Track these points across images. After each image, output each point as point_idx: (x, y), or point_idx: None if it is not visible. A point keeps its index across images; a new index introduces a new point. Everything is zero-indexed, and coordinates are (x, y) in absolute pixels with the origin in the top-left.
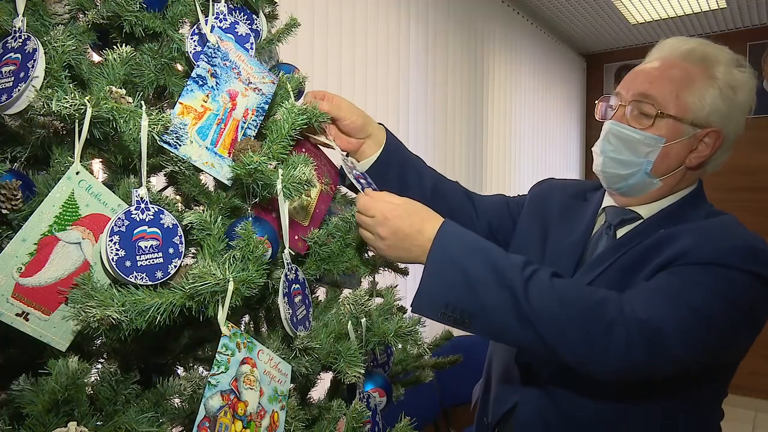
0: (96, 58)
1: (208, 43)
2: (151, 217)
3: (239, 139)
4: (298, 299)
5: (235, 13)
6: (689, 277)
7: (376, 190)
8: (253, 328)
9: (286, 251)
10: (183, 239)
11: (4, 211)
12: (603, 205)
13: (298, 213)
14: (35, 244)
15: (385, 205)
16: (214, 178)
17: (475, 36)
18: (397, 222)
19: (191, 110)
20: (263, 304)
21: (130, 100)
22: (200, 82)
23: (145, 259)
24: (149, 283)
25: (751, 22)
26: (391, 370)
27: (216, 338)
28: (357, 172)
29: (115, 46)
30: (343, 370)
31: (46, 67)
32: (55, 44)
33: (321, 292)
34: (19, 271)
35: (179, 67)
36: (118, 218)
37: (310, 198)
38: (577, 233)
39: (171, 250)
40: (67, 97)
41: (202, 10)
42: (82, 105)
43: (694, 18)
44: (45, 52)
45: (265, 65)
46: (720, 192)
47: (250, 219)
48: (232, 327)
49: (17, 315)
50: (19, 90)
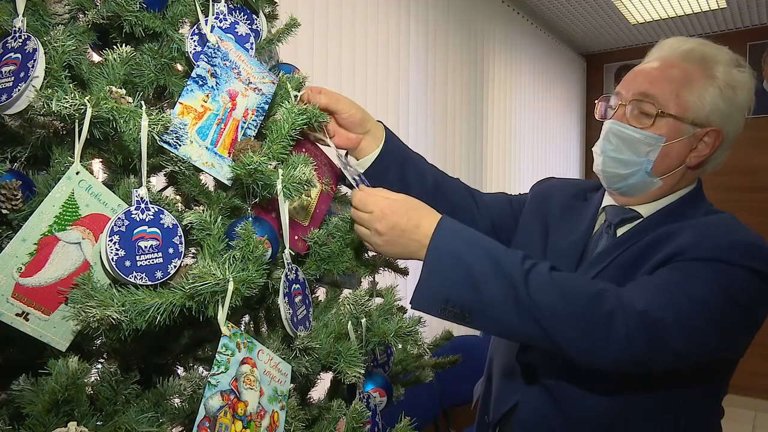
0: (96, 58)
1: (208, 43)
2: (151, 217)
3: (239, 139)
4: (298, 299)
5: (235, 13)
6: (689, 272)
7: (369, 187)
8: (253, 328)
9: (287, 251)
10: (183, 239)
11: (4, 211)
12: (603, 205)
13: (298, 213)
14: (35, 244)
15: (382, 201)
16: (214, 178)
17: (475, 36)
18: (395, 217)
19: (191, 110)
20: (263, 304)
21: (130, 100)
22: (200, 82)
23: (145, 259)
24: (149, 283)
25: (751, 22)
26: (391, 370)
27: (216, 338)
28: (351, 168)
29: (115, 46)
30: (343, 370)
31: (46, 67)
32: (55, 44)
33: (321, 292)
34: (19, 271)
35: (179, 67)
36: (118, 218)
37: (310, 198)
38: (578, 233)
39: (171, 250)
40: (67, 97)
41: (202, 10)
42: (82, 105)
43: (694, 18)
44: (45, 52)
45: (265, 65)
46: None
47: (250, 219)
48: (232, 327)
49: (17, 315)
50: (19, 90)
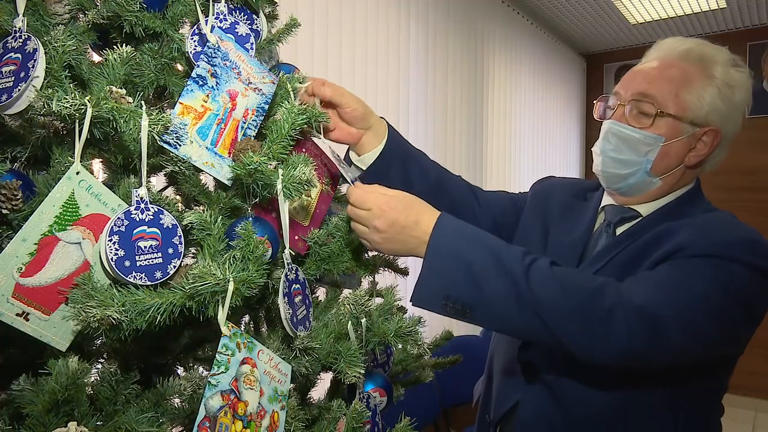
0: (96, 58)
1: (208, 43)
2: (151, 217)
3: (239, 139)
4: (298, 299)
5: (236, 13)
6: (689, 268)
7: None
8: (253, 328)
9: (287, 251)
10: (182, 239)
11: (5, 211)
12: (602, 204)
13: (299, 213)
14: (35, 244)
15: (381, 197)
16: (214, 178)
17: (475, 36)
18: (394, 214)
19: (191, 110)
20: (263, 304)
21: (131, 100)
22: (200, 82)
23: (145, 260)
24: (148, 284)
25: (751, 22)
26: (391, 370)
27: (216, 338)
28: (345, 166)
29: (116, 46)
30: (343, 370)
31: (47, 67)
32: (56, 44)
33: (321, 292)
34: (19, 271)
35: (179, 67)
36: (118, 218)
37: (310, 198)
38: (578, 232)
39: (170, 251)
40: (67, 97)
41: (202, 10)
42: (83, 105)
43: (694, 18)
44: (45, 52)
45: (265, 65)
46: (720, 192)
47: (250, 219)
48: (232, 327)
49: (17, 315)
50: (20, 90)
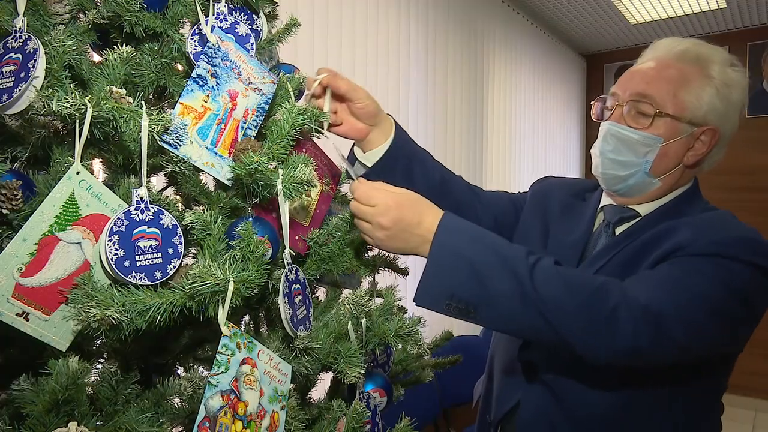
0: (96, 58)
1: (208, 43)
2: (151, 217)
3: (239, 139)
4: (298, 299)
5: (236, 13)
6: (690, 267)
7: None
8: (253, 328)
9: (287, 251)
10: (182, 240)
11: (5, 211)
12: (601, 204)
13: (299, 213)
14: (35, 244)
15: (387, 194)
16: (215, 178)
17: (475, 36)
18: (400, 211)
19: (191, 110)
20: (263, 304)
21: (131, 100)
22: (200, 82)
23: (144, 260)
24: (148, 284)
25: (751, 22)
26: (391, 370)
27: (216, 338)
28: (347, 163)
29: (116, 46)
30: (343, 370)
31: (47, 67)
32: (56, 44)
33: (321, 292)
34: (19, 271)
35: (179, 67)
36: (118, 218)
37: (310, 198)
38: (578, 231)
39: (170, 251)
40: (67, 97)
41: (202, 10)
42: (83, 105)
43: (694, 18)
44: (45, 52)
45: (266, 65)
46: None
47: (251, 219)
48: (233, 327)
49: (17, 315)
50: (20, 90)
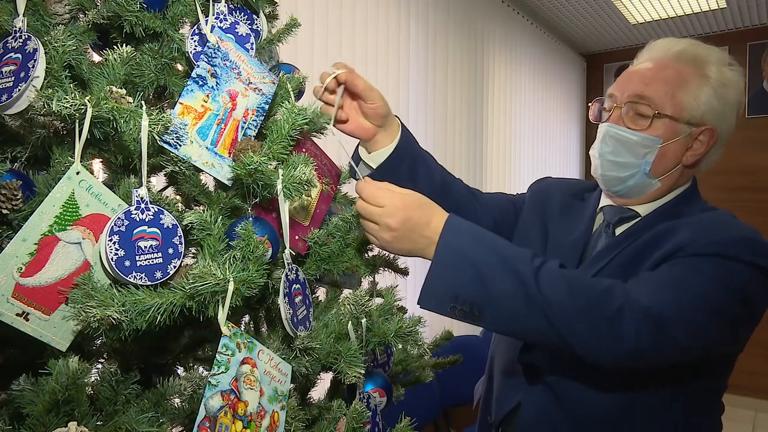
0: (96, 58)
1: (208, 43)
2: (151, 217)
3: (239, 139)
4: (298, 299)
5: (236, 13)
6: (690, 267)
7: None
8: (253, 328)
9: (287, 251)
10: (183, 240)
11: (5, 211)
12: (600, 205)
13: (299, 213)
14: (35, 244)
15: (395, 195)
16: (214, 178)
17: (475, 36)
18: (408, 212)
19: (191, 110)
20: (263, 304)
21: (131, 100)
22: (200, 82)
23: (145, 259)
24: (148, 284)
25: (751, 22)
26: (391, 370)
27: (216, 338)
28: (352, 161)
29: (116, 46)
30: (343, 370)
31: (47, 67)
32: (56, 44)
33: (321, 292)
34: (19, 271)
35: (179, 67)
36: (118, 218)
37: (310, 198)
38: (578, 232)
39: (170, 251)
40: (67, 97)
41: (202, 10)
42: (83, 105)
43: (694, 18)
44: (45, 52)
45: (266, 65)
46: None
47: (251, 219)
48: (233, 327)
49: (17, 315)
50: (20, 90)
